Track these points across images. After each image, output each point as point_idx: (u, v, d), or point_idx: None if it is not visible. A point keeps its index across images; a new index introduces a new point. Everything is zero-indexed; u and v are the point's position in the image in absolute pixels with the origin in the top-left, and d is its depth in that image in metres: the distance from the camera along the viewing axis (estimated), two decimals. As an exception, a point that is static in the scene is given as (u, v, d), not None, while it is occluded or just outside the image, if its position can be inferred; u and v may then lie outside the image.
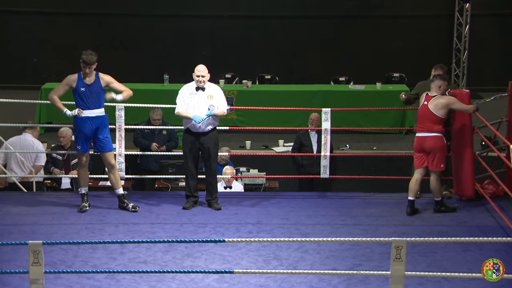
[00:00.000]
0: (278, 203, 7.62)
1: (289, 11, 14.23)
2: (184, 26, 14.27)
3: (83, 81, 6.98)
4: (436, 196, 7.22)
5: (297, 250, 6.26)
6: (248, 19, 14.32)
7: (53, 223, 6.89)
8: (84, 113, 6.99)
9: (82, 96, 6.98)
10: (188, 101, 7.16)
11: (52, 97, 7.05)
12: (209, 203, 7.34)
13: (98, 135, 7.05)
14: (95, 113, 7.01)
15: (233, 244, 6.28)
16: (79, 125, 7.03)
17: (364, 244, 6.33)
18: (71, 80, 7.01)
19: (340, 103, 11.30)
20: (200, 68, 7.19)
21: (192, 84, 7.22)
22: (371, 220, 7.11)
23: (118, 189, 7.19)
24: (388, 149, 10.92)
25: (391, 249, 5.04)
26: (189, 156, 7.24)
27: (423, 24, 14.33)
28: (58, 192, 8.45)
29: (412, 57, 13.89)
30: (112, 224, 6.87)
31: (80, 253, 6.11)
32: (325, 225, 6.95)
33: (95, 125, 7.03)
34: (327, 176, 7.94)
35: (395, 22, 14.34)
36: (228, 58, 14.05)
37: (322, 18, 14.33)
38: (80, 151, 7.11)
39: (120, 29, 14.14)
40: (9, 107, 10.06)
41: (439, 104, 7.07)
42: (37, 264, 4.88)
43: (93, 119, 7.01)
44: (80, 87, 6.97)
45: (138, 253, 6.15)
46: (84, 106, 6.99)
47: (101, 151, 7.13)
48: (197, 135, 7.19)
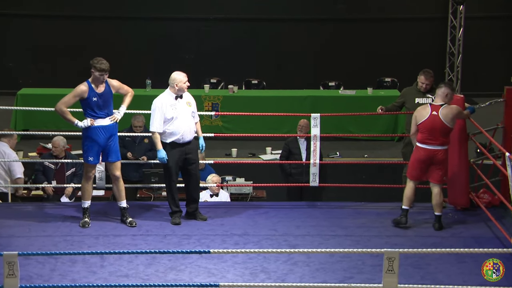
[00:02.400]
0: (265, 213, 7.62)
1: (276, 14, 14.28)
2: (167, 29, 14.27)
3: (94, 90, 6.92)
4: (439, 210, 7.14)
5: (285, 263, 6.25)
6: (234, 21, 14.34)
7: (29, 235, 6.85)
8: (96, 122, 6.94)
9: (94, 106, 6.92)
10: (170, 114, 7.07)
11: (61, 108, 6.94)
12: (193, 214, 7.32)
13: (109, 143, 7.01)
14: (107, 121, 6.97)
15: (219, 256, 6.27)
16: (92, 136, 6.96)
17: (355, 256, 6.34)
18: (82, 91, 6.92)
19: (330, 109, 11.33)
20: (184, 75, 7.15)
21: (168, 95, 7.13)
22: (363, 230, 7.12)
23: (121, 202, 7.16)
24: (380, 157, 10.96)
25: (383, 260, 5.05)
26: (175, 170, 7.19)
27: (415, 27, 14.41)
28: (36, 203, 8.40)
29: (404, 61, 13.96)
30: (92, 236, 6.84)
31: (58, 266, 6.08)
32: (314, 236, 6.95)
33: (108, 134, 6.99)
34: (316, 184, 7.95)
35: (387, 25, 14.41)
36: (213, 62, 14.06)
37: (311, 21, 14.38)
38: (92, 162, 7.02)
39: (100, 33, 14.11)
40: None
41: (449, 114, 7.01)
42: (12, 276, 4.86)
43: (106, 128, 6.97)
44: (92, 97, 6.90)
45: (119, 266, 6.13)
46: (96, 116, 6.94)
47: (109, 160, 7.08)
48: (182, 146, 7.17)
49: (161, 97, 7.17)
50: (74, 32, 14.12)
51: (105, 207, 7.66)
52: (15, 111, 11.45)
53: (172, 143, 7.14)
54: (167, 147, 7.15)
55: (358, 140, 11.64)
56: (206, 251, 5.65)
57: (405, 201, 7.19)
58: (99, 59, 6.95)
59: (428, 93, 7.95)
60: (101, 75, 6.91)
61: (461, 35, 14.18)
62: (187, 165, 7.23)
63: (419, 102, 7.92)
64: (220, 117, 11.81)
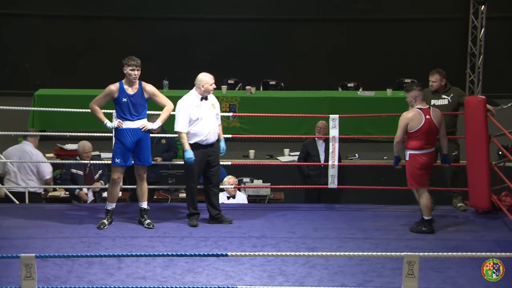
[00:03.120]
0: (283, 215, 7.62)
1: (295, 14, 14.28)
2: (185, 29, 14.31)
3: (126, 91, 6.93)
4: (428, 214, 7.07)
5: (303, 265, 6.25)
6: (251, 22, 14.36)
7: (47, 237, 6.89)
8: (125, 125, 6.96)
9: (124, 107, 6.94)
10: (196, 115, 7.08)
11: (93, 107, 6.99)
12: (217, 218, 7.31)
13: (139, 146, 7.02)
14: (137, 124, 6.98)
15: (236, 258, 6.27)
16: (119, 137, 6.99)
17: (374, 259, 6.32)
18: (112, 90, 6.95)
19: (349, 110, 11.31)
20: (211, 77, 7.15)
21: (194, 96, 7.15)
22: (382, 233, 7.10)
23: (143, 203, 7.18)
24: (400, 159, 10.90)
25: (403, 264, 5.03)
26: (197, 172, 7.19)
27: (436, 27, 14.35)
28: (52, 204, 8.46)
29: (425, 62, 13.86)
30: (109, 237, 6.88)
31: (75, 268, 6.11)
32: (333, 239, 6.94)
33: (136, 137, 6.99)
34: (335, 186, 7.94)
35: (406, 26, 14.36)
36: (231, 63, 14.09)
37: (330, 21, 14.36)
38: (118, 164, 7.04)
39: (118, 33, 14.18)
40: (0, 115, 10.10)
41: (439, 116, 7.07)
42: (29, 278, 4.89)
43: (134, 131, 6.98)
44: (122, 98, 6.92)
45: (137, 268, 6.15)
46: (125, 118, 6.95)
47: (138, 163, 7.10)
48: (205, 148, 7.17)
49: (186, 97, 7.18)
50: (91, 33, 14.21)
51: (122, 208, 7.69)
52: (32, 112, 11.54)
53: (195, 144, 7.14)
54: (191, 147, 7.13)
55: (377, 142, 11.60)
56: (224, 254, 5.66)
57: (427, 211, 7.06)
58: (131, 56, 6.97)
59: (443, 94, 7.90)
60: (132, 70, 6.88)
61: (483, 35, 14.10)
62: (209, 167, 7.23)
63: (435, 104, 7.87)
64: (237, 118, 11.83)
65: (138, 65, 6.93)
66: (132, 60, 6.93)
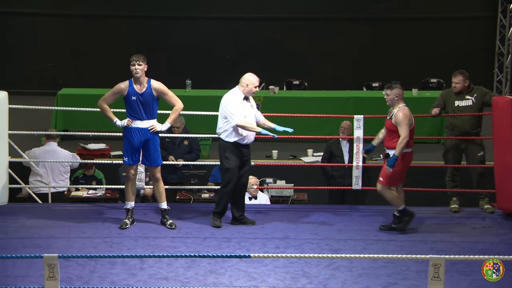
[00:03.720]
0: (306, 216, 7.61)
1: (319, 13, 14.25)
2: (208, 28, 14.34)
3: (135, 89, 6.97)
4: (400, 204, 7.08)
5: (327, 267, 6.24)
6: (275, 21, 14.36)
7: (69, 236, 6.95)
8: (134, 124, 6.99)
9: (133, 105, 6.97)
10: (243, 112, 7.07)
11: (102, 105, 7.06)
12: (240, 220, 7.31)
13: (146, 147, 7.05)
14: (145, 124, 7.01)
15: (259, 260, 6.27)
16: (127, 136, 7.03)
17: (399, 262, 6.30)
18: (121, 88, 6.99)
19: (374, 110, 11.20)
20: (258, 79, 7.14)
21: (238, 93, 7.12)
22: (407, 235, 7.07)
23: (162, 203, 7.21)
24: (425, 160, 10.84)
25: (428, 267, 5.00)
26: (236, 172, 7.16)
27: (463, 26, 14.24)
28: (75, 204, 8.53)
29: (451, 62, 13.76)
30: (131, 238, 6.92)
31: (98, 268, 6.16)
32: (357, 241, 6.93)
33: (144, 137, 7.02)
34: (359, 187, 7.92)
35: (432, 25, 14.28)
36: (254, 63, 14.08)
37: (354, 21, 14.32)
38: (126, 163, 7.10)
39: (139, 32, 14.25)
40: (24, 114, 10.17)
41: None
42: (52, 278, 4.93)
43: (142, 131, 7.01)
44: (131, 96, 6.95)
45: (159, 269, 6.18)
46: (134, 116, 6.99)
47: (148, 164, 7.15)
48: (243, 147, 7.17)
49: (232, 93, 7.13)
50: (114, 32, 14.28)
51: (144, 208, 7.74)
52: (55, 111, 11.62)
53: (235, 143, 7.13)
54: (230, 147, 7.11)
55: (402, 143, 11.53)
56: (247, 255, 5.66)
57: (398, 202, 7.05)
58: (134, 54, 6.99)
59: (467, 94, 7.84)
60: (133, 65, 6.91)
61: (511, 34, 13.97)
62: (241, 169, 7.23)
63: (459, 105, 7.82)
64: (260, 118, 11.79)
65: (138, 60, 6.92)
66: (133, 56, 6.96)
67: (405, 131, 6.93)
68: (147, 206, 7.85)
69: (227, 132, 7.11)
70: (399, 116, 6.97)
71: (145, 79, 7.00)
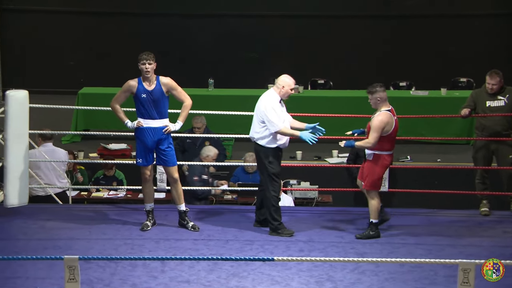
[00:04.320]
0: (331, 219, 7.59)
1: (345, 10, 14.20)
2: (231, 26, 14.35)
3: (144, 86, 6.98)
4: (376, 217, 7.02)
5: (352, 271, 6.22)
6: (300, 18, 14.33)
7: (90, 238, 6.99)
8: (146, 123, 7.00)
9: (144, 103, 6.98)
10: (282, 116, 7.02)
11: (114, 106, 7.08)
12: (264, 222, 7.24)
13: (160, 146, 7.05)
14: (157, 123, 7.01)
15: (283, 263, 6.26)
16: (139, 136, 7.04)
17: (427, 266, 6.26)
18: (130, 85, 7.01)
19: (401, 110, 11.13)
20: (294, 81, 7.11)
21: (274, 96, 7.05)
22: (435, 239, 7.03)
23: (180, 205, 7.20)
24: (454, 161, 10.79)
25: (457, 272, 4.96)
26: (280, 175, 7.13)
27: (492, 23, 14.12)
28: (95, 205, 8.58)
29: (481, 60, 13.68)
30: (152, 239, 6.94)
31: (119, 270, 6.18)
32: (384, 244, 6.89)
33: (157, 136, 7.03)
34: (386, 189, 7.88)
35: (461, 22, 14.16)
36: (277, 61, 14.08)
37: (381, 18, 14.26)
38: (140, 164, 7.11)
39: (160, 31, 14.29)
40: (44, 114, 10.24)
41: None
42: (73, 280, 4.96)
43: (154, 130, 7.02)
44: (141, 93, 6.97)
45: (180, 271, 6.19)
46: (145, 115, 7.00)
47: (163, 164, 7.16)
48: (281, 152, 7.12)
49: (270, 96, 7.03)
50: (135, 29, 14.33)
51: (166, 210, 7.76)
52: (76, 110, 11.69)
53: (277, 148, 7.06)
54: (272, 152, 7.01)
55: (430, 144, 11.49)
56: (270, 258, 5.66)
57: (376, 214, 7.00)
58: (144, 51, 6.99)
59: (499, 94, 7.77)
60: (143, 64, 6.92)
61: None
62: None
63: (490, 105, 7.76)
64: (284, 118, 11.77)
65: (149, 58, 6.93)
66: (143, 54, 6.95)
67: (374, 138, 6.91)
68: (169, 208, 7.87)
69: (267, 139, 7.00)
70: (375, 121, 6.98)
71: (154, 76, 7.01)
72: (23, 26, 14.45)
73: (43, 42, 14.45)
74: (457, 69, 13.60)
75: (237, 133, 8.83)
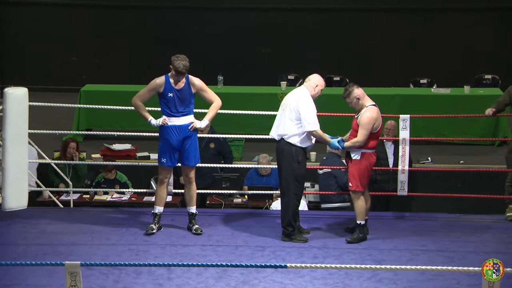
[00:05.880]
0: (347, 224, 7.58)
1: (361, 4, 14.18)
2: (241, 20, 14.35)
3: (172, 85, 7.01)
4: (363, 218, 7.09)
5: (369, 279, 6.21)
6: (314, 12, 14.33)
7: (92, 243, 7.02)
8: (170, 121, 7.05)
9: (170, 102, 7.02)
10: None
11: (136, 103, 7.11)
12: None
13: (185, 146, 7.09)
14: (183, 121, 7.05)
15: (296, 270, 6.27)
16: (164, 135, 7.08)
17: (449, 274, 6.25)
18: (157, 84, 7.04)
19: (421, 109, 11.18)
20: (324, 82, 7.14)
21: (309, 95, 7.10)
22: (457, 245, 7.02)
23: (191, 207, 7.26)
24: (478, 163, 10.76)
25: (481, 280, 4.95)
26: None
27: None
28: (98, 208, 8.61)
29: (507, 57, 13.65)
30: (158, 245, 6.96)
31: (122, 278, 6.20)
32: (402, 251, 6.89)
33: (183, 135, 7.07)
34: (405, 193, 7.87)
35: (486, 16, 14.12)
36: (291, 57, 14.08)
37: (400, 12, 14.23)
38: (164, 164, 7.14)
39: (168, 25, 14.33)
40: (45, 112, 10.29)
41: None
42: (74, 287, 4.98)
43: (180, 128, 7.06)
44: (168, 92, 7.01)
45: (188, 279, 6.21)
46: (171, 114, 7.03)
47: (184, 163, 7.17)
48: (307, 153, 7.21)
49: (304, 94, 7.06)
50: (142, 24, 14.37)
51: (172, 214, 7.77)
52: (78, 109, 11.72)
53: (306, 149, 7.12)
54: (301, 152, 7.05)
55: (452, 145, 11.46)
56: (282, 265, 5.66)
57: (363, 216, 7.08)
58: (180, 57, 6.99)
59: None
60: (177, 75, 6.97)
61: None
62: None
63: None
64: (298, 117, 11.77)
65: (183, 72, 6.95)
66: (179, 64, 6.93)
67: (363, 136, 6.95)
68: (175, 212, 7.89)
69: (299, 137, 7.02)
70: (364, 117, 7.01)
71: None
72: (23, 19, 14.50)
73: (43, 36, 14.48)
74: (480, 66, 13.56)
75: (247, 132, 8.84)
